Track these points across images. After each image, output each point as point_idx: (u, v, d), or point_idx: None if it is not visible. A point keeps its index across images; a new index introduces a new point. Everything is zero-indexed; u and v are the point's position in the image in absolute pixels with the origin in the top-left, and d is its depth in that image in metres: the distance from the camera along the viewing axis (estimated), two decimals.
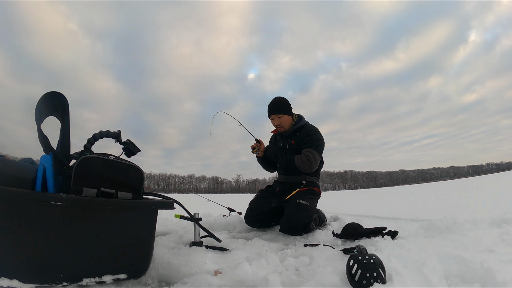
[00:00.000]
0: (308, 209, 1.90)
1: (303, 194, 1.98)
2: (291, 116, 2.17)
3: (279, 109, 2.13)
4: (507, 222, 1.62)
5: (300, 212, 1.86)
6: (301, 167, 1.96)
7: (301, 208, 1.88)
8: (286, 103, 2.16)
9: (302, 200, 1.92)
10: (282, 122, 2.13)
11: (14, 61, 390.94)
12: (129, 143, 1.40)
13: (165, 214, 1.87)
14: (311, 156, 1.97)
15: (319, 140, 2.07)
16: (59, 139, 1.13)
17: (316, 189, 2.09)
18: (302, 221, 1.85)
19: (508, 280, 0.83)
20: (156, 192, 1.32)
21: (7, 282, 0.80)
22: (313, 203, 2.02)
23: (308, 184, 2.08)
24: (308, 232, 1.89)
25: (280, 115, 2.12)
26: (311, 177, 2.12)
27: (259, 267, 1.08)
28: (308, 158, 1.96)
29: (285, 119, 2.13)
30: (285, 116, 2.13)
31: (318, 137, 2.07)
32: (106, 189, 1.00)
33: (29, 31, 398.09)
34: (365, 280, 0.88)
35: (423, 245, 1.29)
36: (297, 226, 1.84)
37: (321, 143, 2.07)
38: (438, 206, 4.34)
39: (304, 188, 2.03)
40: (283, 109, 2.13)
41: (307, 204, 1.91)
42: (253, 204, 2.12)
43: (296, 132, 2.12)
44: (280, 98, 2.18)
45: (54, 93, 1.07)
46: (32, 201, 0.86)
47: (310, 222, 1.92)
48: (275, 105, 2.15)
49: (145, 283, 1.08)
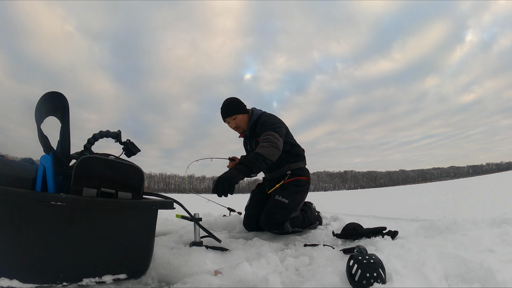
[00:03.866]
0: (285, 207, 1.82)
1: (285, 188, 1.89)
2: (246, 114, 2.05)
3: (230, 111, 2.02)
4: (507, 222, 1.62)
5: (275, 209, 1.81)
6: (270, 154, 1.71)
7: (277, 205, 1.82)
8: (236, 102, 2.04)
9: (280, 197, 1.84)
10: (239, 123, 2.04)
11: (14, 62, 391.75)
12: (129, 143, 1.40)
13: (165, 214, 1.87)
14: (270, 137, 1.78)
15: (273, 123, 1.90)
16: (59, 139, 1.13)
17: (302, 178, 1.98)
18: (276, 219, 1.79)
19: (508, 280, 0.83)
20: (156, 192, 1.32)
21: (7, 282, 0.80)
22: (295, 199, 1.90)
23: (293, 173, 1.97)
24: (282, 231, 1.82)
25: (233, 116, 2.01)
26: (295, 164, 2.01)
27: (259, 267, 1.08)
28: (268, 141, 1.76)
29: (240, 119, 2.03)
30: (239, 116, 2.02)
31: (271, 121, 1.92)
32: (106, 189, 0.99)
33: (27, 33, 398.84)
34: (365, 280, 0.88)
35: (423, 245, 1.28)
36: (270, 223, 1.79)
37: (276, 124, 1.89)
38: (438, 206, 4.33)
39: (289, 179, 1.94)
40: (234, 109, 2.01)
41: (284, 202, 1.83)
42: (249, 211, 2.08)
43: (255, 129, 2.00)
44: (230, 99, 2.06)
45: (54, 93, 1.07)
46: (32, 201, 0.86)
47: (286, 220, 1.82)
48: (226, 108, 2.03)
49: (145, 283, 1.08)
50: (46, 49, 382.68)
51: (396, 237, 1.53)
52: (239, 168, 1.59)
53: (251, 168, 1.62)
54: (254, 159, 1.65)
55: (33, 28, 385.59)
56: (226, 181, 1.46)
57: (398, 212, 3.62)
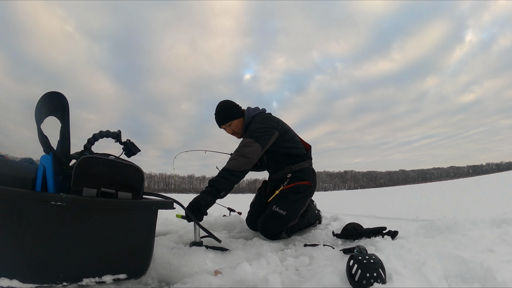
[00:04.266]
0: (282, 218, 1.75)
1: (283, 197, 1.81)
2: (241, 118, 1.97)
3: (225, 118, 1.95)
4: (507, 222, 1.62)
5: (271, 221, 1.75)
6: (237, 165, 1.63)
7: (274, 216, 1.75)
8: (230, 107, 1.96)
9: (278, 208, 1.76)
10: (235, 128, 1.97)
11: (14, 62, 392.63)
12: (129, 143, 1.40)
13: (165, 214, 1.87)
14: (240, 146, 1.70)
15: (255, 129, 1.79)
16: (59, 139, 1.13)
17: (302, 183, 1.86)
18: (272, 231, 1.76)
19: (508, 280, 0.83)
20: (156, 192, 1.32)
21: (7, 282, 0.80)
22: (294, 209, 1.81)
23: (293, 177, 1.88)
24: (278, 239, 1.78)
25: (228, 123, 1.95)
26: (297, 165, 1.91)
27: (259, 267, 1.08)
28: (236, 151, 1.68)
29: (235, 125, 1.96)
30: (234, 122, 1.95)
31: (256, 126, 1.81)
32: (106, 189, 0.99)
33: (27, 33, 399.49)
34: (365, 280, 0.88)
35: (423, 245, 1.28)
36: (266, 234, 1.78)
37: (257, 130, 1.78)
38: (438, 206, 4.34)
39: (288, 185, 1.85)
40: (228, 116, 1.94)
41: (282, 214, 1.75)
42: (252, 209, 2.08)
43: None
44: (222, 106, 1.97)
45: (54, 93, 1.07)
46: (32, 201, 0.86)
47: (282, 231, 1.78)
48: (219, 115, 1.96)
49: (145, 283, 1.08)
50: (46, 49, 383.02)
51: (396, 237, 1.53)
52: (207, 191, 1.55)
53: (217, 188, 1.56)
54: (219, 177, 1.60)
55: (33, 28, 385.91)
56: (194, 209, 1.45)
57: (398, 212, 3.62)
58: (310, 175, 1.95)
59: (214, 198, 1.56)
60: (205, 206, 1.50)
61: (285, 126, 1.99)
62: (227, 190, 1.63)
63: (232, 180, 1.62)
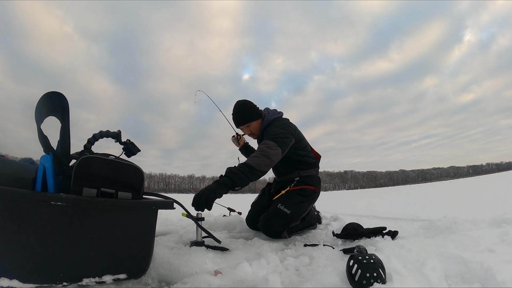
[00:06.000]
0: (286, 217, 1.76)
1: (289, 197, 1.83)
2: (259, 119, 1.98)
3: (245, 119, 1.96)
4: (507, 222, 1.62)
5: (275, 219, 1.76)
6: (259, 164, 1.59)
7: (278, 215, 1.76)
8: (249, 107, 1.96)
9: (283, 207, 1.77)
10: (253, 130, 1.99)
11: (13, 63, 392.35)
12: (129, 143, 1.40)
13: (165, 214, 1.87)
14: (263, 146, 1.67)
15: (276, 133, 1.78)
16: (59, 139, 1.13)
17: (309, 187, 1.89)
18: (275, 229, 1.77)
19: (508, 280, 0.83)
20: (156, 192, 1.32)
21: (7, 282, 0.80)
22: (298, 210, 1.82)
23: (300, 180, 1.90)
24: (279, 238, 1.80)
25: (248, 124, 1.96)
26: (306, 171, 1.94)
27: (259, 267, 1.08)
28: (260, 150, 1.65)
29: (254, 126, 1.98)
30: (253, 123, 1.96)
31: (276, 130, 1.81)
32: (106, 189, 0.99)
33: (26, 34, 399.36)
34: (365, 280, 0.88)
35: (423, 245, 1.28)
36: (268, 231, 1.79)
37: (279, 134, 1.77)
38: (438, 206, 4.34)
39: (295, 187, 1.87)
40: (248, 117, 1.95)
41: (286, 213, 1.76)
42: (254, 209, 2.08)
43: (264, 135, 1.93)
44: (241, 106, 1.97)
45: (54, 93, 1.07)
46: (32, 201, 0.86)
47: (284, 230, 1.80)
48: (238, 116, 1.96)
49: (145, 283, 1.08)
50: (45, 50, 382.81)
51: (396, 237, 1.53)
52: (222, 181, 1.48)
53: (235, 182, 1.50)
54: (239, 171, 1.52)
55: (32, 29, 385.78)
56: (203, 198, 1.39)
57: (398, 212, 3.62)
58: (316, 182, 1.97)
59: (227, 191, 1.50)
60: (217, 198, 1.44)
61: (300, 135, 2.01)
62: (242, 186, 1.57)
63: (250, 178, 1.56)
